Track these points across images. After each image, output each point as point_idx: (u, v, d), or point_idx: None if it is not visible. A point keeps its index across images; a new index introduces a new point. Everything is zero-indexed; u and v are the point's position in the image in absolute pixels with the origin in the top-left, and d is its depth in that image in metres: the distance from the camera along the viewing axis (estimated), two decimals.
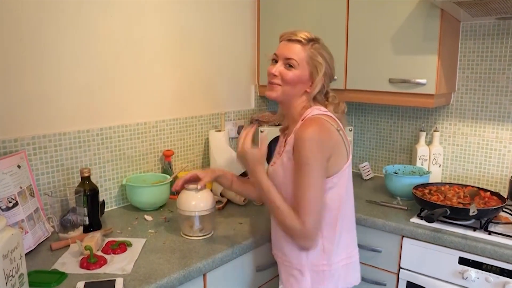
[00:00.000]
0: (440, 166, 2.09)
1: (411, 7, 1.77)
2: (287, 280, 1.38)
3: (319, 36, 1.35)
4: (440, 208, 1.55)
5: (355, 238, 1.42)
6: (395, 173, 2.00)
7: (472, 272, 1.49)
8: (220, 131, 2.06)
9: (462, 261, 1.51)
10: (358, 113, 2.37)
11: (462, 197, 1.69)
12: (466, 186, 1.81)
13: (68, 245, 1.40)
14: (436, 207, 1.58)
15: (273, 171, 1.38)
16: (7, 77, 1.44)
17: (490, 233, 1.52)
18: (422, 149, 2.08)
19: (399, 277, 1.68)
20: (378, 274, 1.72)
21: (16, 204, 1.33)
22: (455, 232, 1.54)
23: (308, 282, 1.33)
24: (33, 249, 1.36)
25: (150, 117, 1.89)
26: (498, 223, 1.61)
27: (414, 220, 1.66)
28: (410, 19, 1.79)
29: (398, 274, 1.68)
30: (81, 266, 1.26)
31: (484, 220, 1.59)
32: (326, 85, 1.35)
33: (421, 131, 2.10)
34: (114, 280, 1.17)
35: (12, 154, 1.42)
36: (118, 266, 1.27)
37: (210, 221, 1.50)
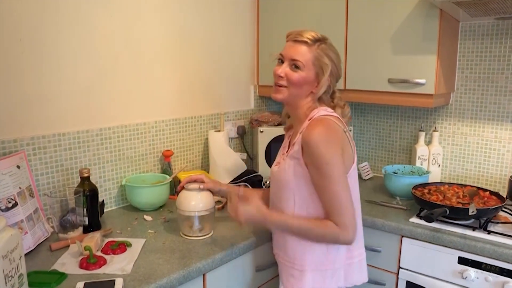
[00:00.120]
0: (439, 166, 2.09)
1: (410, 7, 1.77)
2: (287, 280, 1.38)
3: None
4: (439, 208, 1.55)
5: (361, 239, 1.42)
6: (395, 173, 2.00)
7: (472, 271, 1.49)
8: (219, 131, 2.06)
9: (462, 261, 1.52)
10: (358, 113, 2.38)
11: (461, 197, 1.69)
12: (466, 185, 1.81)
13: (68, 246, 1.40)
14: (436, 207, 1.58)
15: (277, 171, 1.37)
16: (6, 77, 1.44)
17: (489, 232, 1.52)
18: (421, 149, 2.08)
19: (399, 276, 1.68)
20: (377, 274, 1.73)
21: (15, 204, 1.33)
22: (454, 231, 1.54)
23: (309, 282, 1.32)
24: (33, 249, 1.36)
25: (150, 118, 1.89)
26: (498, 223, 1.61)
27: (414, 220, 1.66)
28: (409, 19, 1.79)
29: (398, 274, 1.69)
30: (81, 267, 1.26)
31: (484, 220, 1.59)
32: (332, 85, 1.35)
33: (421, 131, 2.10)
34: (114, 280, 1.17)
35: (12, 154, 1.41)
36: (117, 266, 1.27)
37: (209, 221, 1.51)
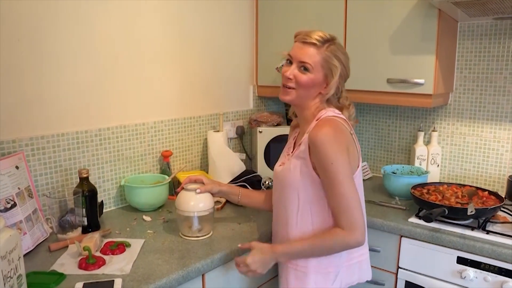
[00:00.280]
0: (438, 166, 2.09)
1: (409, 8, 1.78)
2: (288, 281, 1.37)
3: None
4: (438, 207, 1.55)
5: (366, 240, 1.40)
6: (394, 173, 2.00)
7: (471, 271, 1.49)
8: (218, 131, 2.06)
9: (461, 261, 1.52)
10: (356, 113, 2.35)
11: (460, 196, 1.69)
12: (464, 185, 1.81)
13: (67, 246, 1.40)
14: (434, 206, 1.58)
15: (282, 171, 1.36)
16: (5, 77, 1.44)
17: (488, 232, 1.52)
18: (420, 149, 2.08)
19: (398, 276, 1.68)
20: (376, 273, 1.72)
21: (14, 205, 1.33)
22: (453, 231, 1.55)
23: (312, 283, 1.32)
24: (32, 250, 1.36)
25: (149, 118, 1.89)
26: (496, 223, 1.62)
27: (413, 219, 1.66)
28: (408, 19, 1.79)
29: (397, 274, 1.69)
30: (80, 267, 1.26)
31: (482, 220, 1.59)
32: (340, 86, 1.35)
33: (419, 131, 2.10)
34: (113, 281, 1.17)
35: (10, 155, 1.41)
36: (116, 266, 1.27)
37: (209, 222, 1.50)
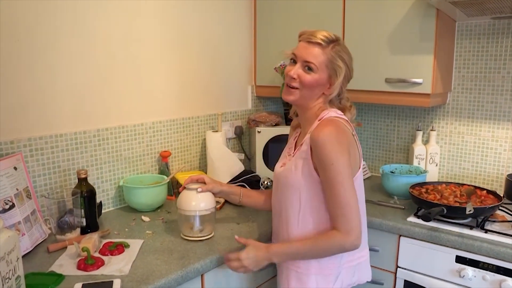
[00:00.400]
0: (436, 165, 2.09)
1: (407, 7, 1.78)
2: (289, 282, 1.37)
3: None
4: (436, 207, 1.56)
5: (366, 241, 1.41)
6: (392, 172, 2.01)
7: (469, 270, 1.50)
8: (217, 131, 2.06)
9: (459, 260, 1.52)
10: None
11: (458, 196, 1.69)
12: (463, 185, 1.81)
13: (66, 247, 1.39)
14: (433, 206, 1.58)
15: (283, 172, 1.36)
16: (3, 78, 1.43)
17: (486, 231, 1.52)
18: (418, 148, 2.08)
19: (397, 276, 1.69)
20: (375, 273, 1.72)
21: (12, 206, 1.32)
22: (451, 230, 1.55)
23: (313, 283, 1.32)
24: (30, 251, 1.36)
25: (147, 118, 1.89)
26: (495, 222, 1.62)
27: (411, 219, 1.66)
28: (406, 19, 1.79)
29: (396, 273, 1.69)
30: (79, 268, 1.26)
31: (481, 219, 1.60)
32: (344, 87, 1.34)
33: (418, 130, 2.10)
34: (112, 282, 1.17)
35: (9, 156, 1.41)
36: (115, 267, 1.27)
37: (210, 222, 1.49)
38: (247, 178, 1.97)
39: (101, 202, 1.70)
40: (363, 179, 2.18)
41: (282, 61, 2.07)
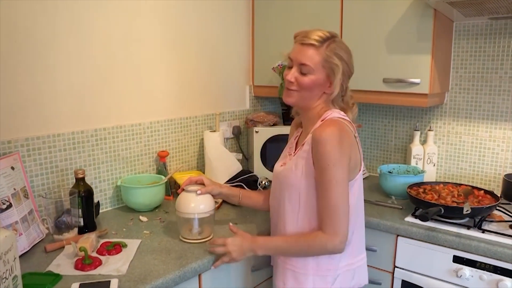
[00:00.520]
0: (434, 165, 2.10)
1: (405, 7, 1.78)
2: (285, 282, 1.37)
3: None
4: (434, 207, 1.56)
5: (363, 244, 1.41)
6: (390, 172, 2.01)
7: (466, 270, 1.50)
8: (215, 131, 2.06)
9: (456, 260, 1.52)
10: None
11: (456, 196, 1.70)
12: (460, 185, 1.82)
13: (63, 247, 1.39)
14: (431, 206, 1.58)
15: (283, 171, 1.36)
16: (0, 78, 1.43)
17: (483, 231, 1.53)
18: (416, 148, 2.08)
19: (394, 275, 1.69)
20: (373, 273, 1.73)
21: (10, 206, 1.32)
22: (449, 230, 1.55)
23: (310, 283, 1.32)
24: (28, 251, 1.36)
25: (145, 118, 1.89)
26: (492, 221, 1.62)
27: (409, 219, 1.67)
28: (403, 19, 1.80)
29: (393, 273, 1.69)
30: (76, 268, 1.26)
31: (478, 219, 1.60)
32: (345, 84, 1.33)
33: (416, 130, 2.11)
34: (109, 281, 1.17)
35: (6, 155, 1.41)
36: (113, 267, 1.27)
37: (209, 224, 1.47)
38: (245, 178, 1.97)
39: (98, 202, 1.70)
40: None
41: (280, 61, 2.07)
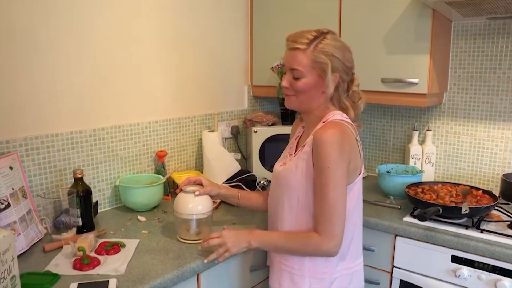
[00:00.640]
0: (432, 165, 2.10)
1: (403, 7, 1.78)
2: (281, 282, 1.37)
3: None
4: (432, 206, 1.56)
5: (361, 249, 1.41)
6: (388, 172, 2.01)
7: (465, 270, 1.50)
8: (213, 131, 2.06)
9: (455, 259, 1.53)
10: None
11: (454, 195, 1.70)
12: (459, 184, 1.82)
13: (61, 247, 1.39)
14: (429, 206, 1.58)
15: (283, 171, 1.35)
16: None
17: (482, 231, 1.53)
18: (415, 148, 2.09)
19: (393, 275, 1.69)
20: (371, 273, 1.73)
21: (8, 205, 1.32)
22: (447, 230, 1.55)
23: (306, 284, 1.32)
24: (26, 250, 1.36)
25: (143, 118, 1.89)
26: (490, 221, 1.63)
27: (407, 219, 1.67)
28: (402, 19, 1.80)
29: (392, 273, 1.69)
30: (74, 268, 1.25)
31: (476, 218, 1.60)
32: (341, 80, 1.30)
33: (414, 130, 2.11)
34: (108, 281, 1.17)
35: (4, 155, 1.40)
36: (111, 267, 1.27)
37: (207, 225, 1.47)
38: (243, 178, 1.97)
39: (97, 201, 1.70)
40: None
41: (279, 61, 2.07)
